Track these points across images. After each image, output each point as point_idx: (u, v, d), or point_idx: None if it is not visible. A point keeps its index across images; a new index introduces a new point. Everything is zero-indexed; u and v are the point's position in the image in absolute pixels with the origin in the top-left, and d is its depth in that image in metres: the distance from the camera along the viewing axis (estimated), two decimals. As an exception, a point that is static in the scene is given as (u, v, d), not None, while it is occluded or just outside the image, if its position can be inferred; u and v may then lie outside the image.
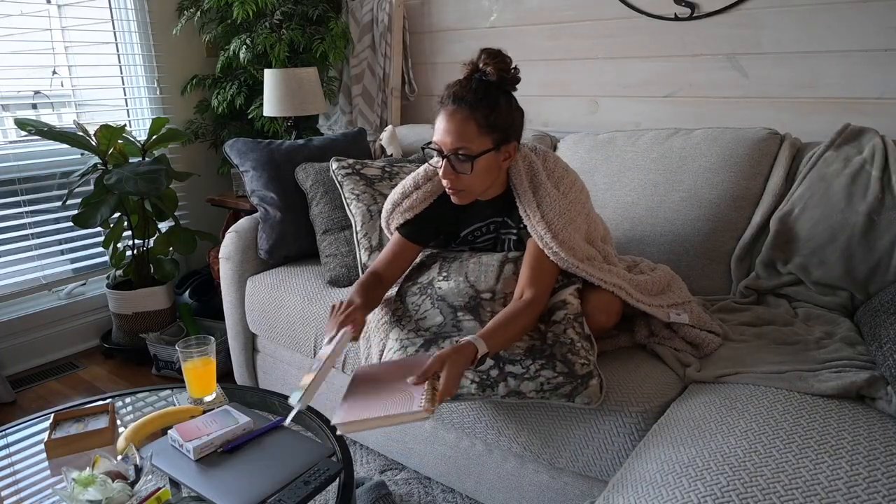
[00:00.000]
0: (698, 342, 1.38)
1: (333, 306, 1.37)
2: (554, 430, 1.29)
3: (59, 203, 2.50)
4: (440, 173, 1.32)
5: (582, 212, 1.38)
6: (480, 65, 1.29)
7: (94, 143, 2.28)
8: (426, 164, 1.44)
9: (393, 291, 1.54)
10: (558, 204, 1.34)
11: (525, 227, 1.36)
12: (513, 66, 1.30)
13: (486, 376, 1.24)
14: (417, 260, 1.55)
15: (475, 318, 1.34)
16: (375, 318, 1.49)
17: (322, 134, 2.80)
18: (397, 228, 1.50)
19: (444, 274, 1.45)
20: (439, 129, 1.29)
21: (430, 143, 1.32)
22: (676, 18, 2.00)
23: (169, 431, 1.17)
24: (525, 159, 1.39)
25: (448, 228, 1.51)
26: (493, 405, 1.37)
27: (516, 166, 1.38)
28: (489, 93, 1.27)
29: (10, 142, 2.42)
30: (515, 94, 1.34)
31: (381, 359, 1.42)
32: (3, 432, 1.28)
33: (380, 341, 1.45)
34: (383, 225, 1.57)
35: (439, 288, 1.43)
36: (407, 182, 1.48)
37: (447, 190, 1.35)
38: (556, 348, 1.25)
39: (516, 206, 1.38)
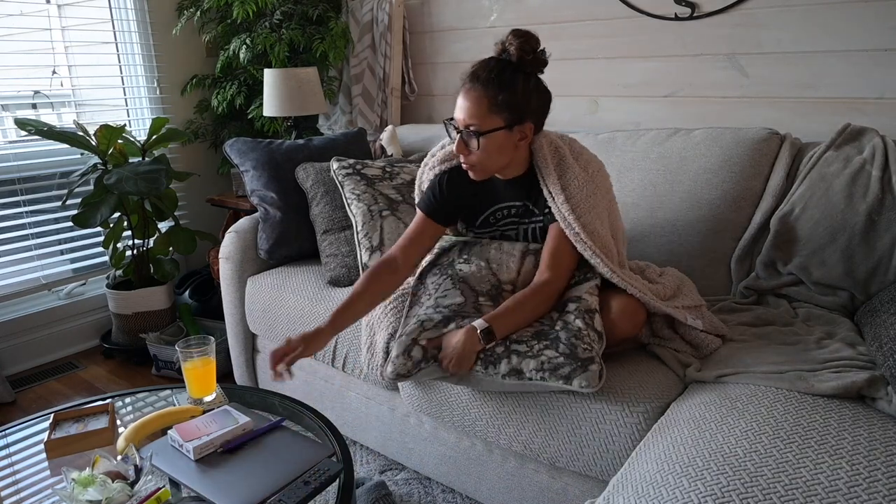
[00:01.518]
0: (697, 343, 1.38)
1: (288, 339, 1.33)
2: (555, 428, 1.29)
3: (59, 203, 2.50)
4: (454, 148, 1.36)
5: (606, 198, 1.40)
6: (506, 44, 1.31)
7: (94, 143, 2.28)
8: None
9: (409, 281, 1.55)
10: (585, 186, 1.35)
11: (549, 211, 1.39)
12: (539, 48, 1.31)
13: (491, 353, 1.27)
14: (436, 248, 1.56)
15: (495, 306, 1.36)
16: (382, 306, 1.51)
17: (322, 134, 2.79)
18: (418, 205, 1.51)
19: (465, 257, 1.47)
20: (457, 106, 1.34)
21: (451, 118, 1.36)
22: (676, 18, 2.00)
23: (169, 431, 1.17)
24: (551, 144, 1.40)
25: (469, 206, 1.51)
26: (494, 402, 1.37)
27: (540, 148, 1.38)
28: (504, 72, 1.29)
29: (10, 142, 2.42)
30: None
31: (386, 348, 1.43)
32: (3, 432, 1.28)
33: (388, 326, 1.46)
34: (416, 194, 1.64)
35: (460, 270, 1.44)
36: (435, 147, 1.56)
37: (462, 164, 1.38)
38: (563, 332, 1.27)
39: (541, 191, 1.39)
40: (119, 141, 2.33)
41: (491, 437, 1.40)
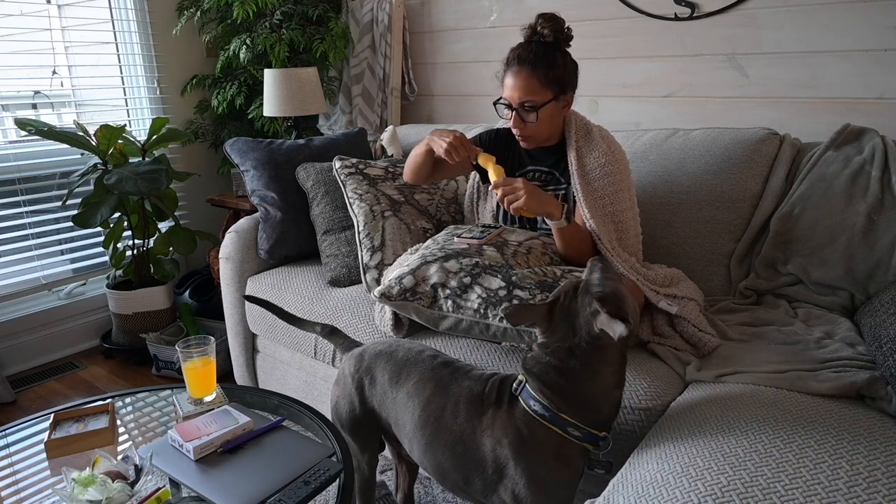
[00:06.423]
0: (695, 341, 1.39)
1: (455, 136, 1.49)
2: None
3: (59, 203, 2.50)
4: (510, 123, 1.52)
5: (624, 176, 1.52)
6: (538, 28, 1.48)
7: (94, 143, 2.28)
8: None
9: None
10: (607, 164, 1.49)
11: (568, 184, 1.53)
12: (566, 26, 1.49)
13: (493, 294, 1.31)
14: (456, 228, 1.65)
15: (498, 251, 1.43)
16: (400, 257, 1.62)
17: (322, 134, 2.80)
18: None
19: (481, 228, 1.58)
20: (507, 87, 1.49)
21: (500, 98, 1.50)
22: (676, 18, 2.00)
23: (169, 432, 1.17)
24: (580, 120, 1.57)
25: (504, 164, 1.63)
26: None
27: (571, 122, 1.55)
28: (547, 52, 1.46)
29: (10, 142, 2.42)
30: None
31: (399, 279, 1.43)
32: (3, 432, 1.28)
33: (398, 266, 1.54)
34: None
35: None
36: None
37: (517, 137, 1.55)
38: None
39: (566, 161, 1.53)
40: (119, 141, 2.33)
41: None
